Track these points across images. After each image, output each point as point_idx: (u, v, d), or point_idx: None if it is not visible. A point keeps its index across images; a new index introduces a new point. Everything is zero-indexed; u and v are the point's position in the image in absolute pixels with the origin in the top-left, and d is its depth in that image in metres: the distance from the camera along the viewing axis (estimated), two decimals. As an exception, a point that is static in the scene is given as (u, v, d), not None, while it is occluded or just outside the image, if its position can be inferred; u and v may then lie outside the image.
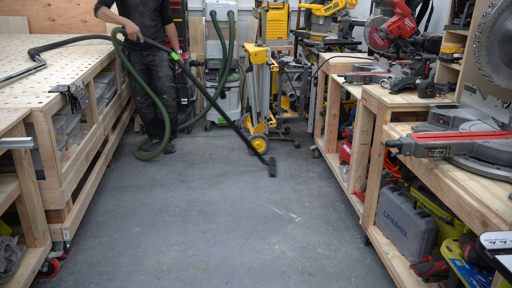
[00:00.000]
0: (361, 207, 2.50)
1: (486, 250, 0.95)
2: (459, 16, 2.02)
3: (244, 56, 4.69)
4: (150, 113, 3.52)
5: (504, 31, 1.54)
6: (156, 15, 3.22)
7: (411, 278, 1.90)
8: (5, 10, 4.12)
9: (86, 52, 3.21)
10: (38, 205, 1.96)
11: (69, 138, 2.47)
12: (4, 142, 1.62)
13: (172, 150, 3.64)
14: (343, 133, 3.01)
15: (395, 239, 2.12)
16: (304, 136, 4.07)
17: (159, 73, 3.35)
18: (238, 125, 4.20)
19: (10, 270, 1.80)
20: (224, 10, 3.89)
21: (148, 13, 3.14)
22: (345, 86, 2.69)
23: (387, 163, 2.50)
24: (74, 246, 2.36)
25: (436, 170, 1.60)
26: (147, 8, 3.13)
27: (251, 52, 3.33)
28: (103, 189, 2.98)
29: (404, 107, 2.05)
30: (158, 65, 3.33)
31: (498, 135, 1.63)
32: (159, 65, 3.33)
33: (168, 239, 2.44)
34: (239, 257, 2.31)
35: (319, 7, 3.87)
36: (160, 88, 3.40)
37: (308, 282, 2.13)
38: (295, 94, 3.66)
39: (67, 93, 2.14)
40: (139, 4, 3.11)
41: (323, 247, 2.41)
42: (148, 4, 3.12)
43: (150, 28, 3.19)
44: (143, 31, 3.13)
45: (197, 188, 3.04)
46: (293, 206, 2.83)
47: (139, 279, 2.12)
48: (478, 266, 1.56)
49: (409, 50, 2.45)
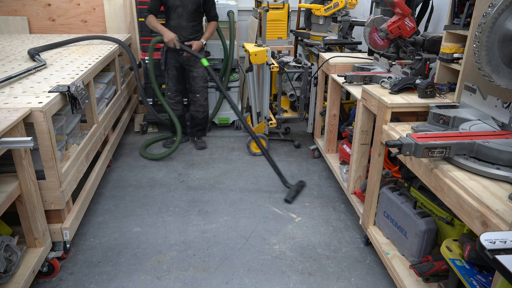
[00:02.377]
0: (361, 207, 2.50)
1: (486, 250, 0.95)
2: (459, 16, 2.02)
3: (244, 56, 4.69)
4: (177, 109, 3.67)
5: (504, 31, 1.54)
6: (195, 17, 3.35)
7: (411, 278, 1.90)
8: (5, 10, 4.12)
9: (86, 52, 3.21)
10: (38, 205, 1.96)
11: (69, 138, 2.46)
12: (4, 142, 1.62)
13: (204, 146, 3.76)
14: (343, 133, 3.01)
15: (395, 239, 2.11)
16: (304, 136, 4.07)
17: (194, 73, 3.51)
18: (238, 125, 4.20)
19: (10, 270, 1.80)
20: (224, 10, 3.89)
21: (186, 15, 3.30)
22: (345, 86, 2.69)
23: (387, 163, 2.50)
24: (74, 246, 2.36)
25: (436, 170, 1.60)
26: (186, 11, 3.28)
27: (251, 52, 3.33)
28: (103, 189, 2.98)
29: (404, 107, 2.05)
30: (193, 66, 3.47)
31: (498, 135, 1.63)
32: (194, 66, 3.47)
33: (168, 239, 2.44)
34: (239, 257, 2.31)
35: (319, 7, 3.87)
36: (194, 87, 3.56)
37: (308, 282, 2.13)
38: (295, 94, 3.66)
39: (67, 93, 2.14)
40: (179, 6, 3.27)
41: (323, 247, 2.41)
42: (187, 7, 3.27)
43: (187, 29, 3.35)
44: (180, 32, 3.32)
45: (197, 188, 3.04)
46: (293, 206, 2.83)
47: (139, 279, 2.12)
48: (478, 266, 1.56)
49: (409, 50, 2.45)
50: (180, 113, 3.70)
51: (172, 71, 3.50)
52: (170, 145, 3.70)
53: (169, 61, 3.46)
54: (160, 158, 3.44)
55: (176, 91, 3.59)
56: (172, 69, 3.49)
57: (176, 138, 3.68)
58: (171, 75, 3.52)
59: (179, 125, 3.54)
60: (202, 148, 3.75)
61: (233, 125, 4.27)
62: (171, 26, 3.34)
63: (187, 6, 3.27)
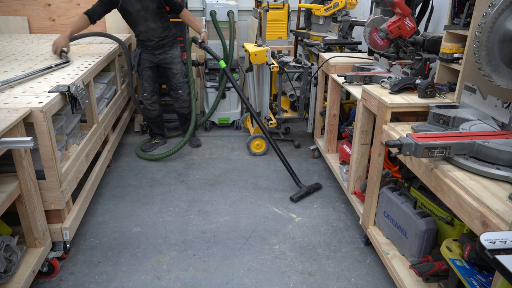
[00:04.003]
0: (361, 207, 2.50)
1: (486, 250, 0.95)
2: (459, 16, 2.02)
3: (244, 56, 4.69)
4: (154, 110, 3.58)
5: (504, 31, 1.54)
6: (160, 16, 3.23)
7: (411, 278, 1.90)
8: (5, 10, 4.12)
9: (86, 52, 3.21)
10: (38, 205, 1.96)
11: (69, 138, 2.47)
12: (4, 142, 1.62)
13: (199, 143, 3.76)
14: (343, 133, 3.01)
15: (395, 239, 2.11)
16: (304, 136, 4.07)
17: (173, 70, 3.44)
18: (238, 125, 4.20)
19: (10, 270, 1.80)
20: (224, 10, 3.89)
21: (151, 16, 3.17)
22: (345, 86, 2.69)
23: (387, 163, 2.50)
24: (74, 246, 2.36)
25: (436, 170, 1.60)
26: (149, 12, 3.15)
27: (251, 52, 3.33)
28: (103, 189, 2.98)
29: (404, 107, 2.05)
30: (171, 63, 3.41)
31: (498, 135, 1.63)
32: (172, 62, 3.41)
33: (168, 239, 2.44)
34: (239, 257, 2.31)
35: (319, 7, 3.87)
36: (175, 84, 3.49)
37: (308, 282, 2.13)
38: (295, 94, 3.66)
39: (67, 93, 2.14)
40: (140, 10, 3.13)
41: (323, 247, 2.41)
42: (148, 7, 3.13)
43: (158, 30, 3.25)
44: (151, 34, 3.23)
45: (197, 188, 3.04)
46: (293, 206, 2.83)
47: (139, 279, 2.12)
48: (478, 266, 1.56)
49: (409, 50, 2.45)
50: (158, 113, 3.62)
51: (146, 72, 3.39)
52: (149, 149, 3.63)
53: (143, 62, 3.36)
54: (163, 157, 3.42)
55: (152, 91, 3.49)
56: (146, 70, 3.39)
57: (157, 140, 3.72)
58: (146, 75, 3.41)
59: (193, 125, 3.52)
60: (197, 145, 3.73)
61: (233, 125, 4.27)
62: (141, 31, 3.22)
63: (148, 7, 3.12)
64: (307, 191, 2.96)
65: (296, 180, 3.01)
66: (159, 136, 3.77)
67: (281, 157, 3.04)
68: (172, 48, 3.39)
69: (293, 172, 3.03)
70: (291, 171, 3.03)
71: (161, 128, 3.75)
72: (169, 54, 3.37)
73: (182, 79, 3.50)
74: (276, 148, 3.08)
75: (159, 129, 3.74)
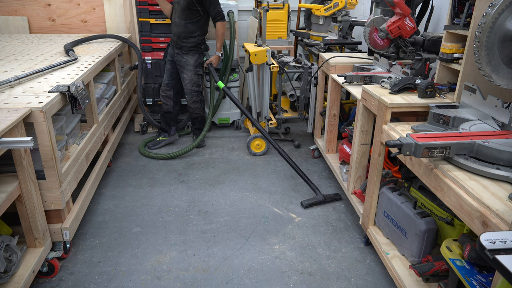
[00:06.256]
0: (361, 207, 2.50)
1: (486, 250, 0.95)
2: (459, 16, 2.02)
3: (244, 56, 4.69)
4: (166, 104, 3.65)
5: (504, 31, 1.54)
6: (188, 14, 3.29)
7: (411, 278, 1.90)
8: (5, 10, 4.12)
9: (86, 52, 3.21)
10: (38, 205, 1.96)
11: (69, 138, 2.46)
12: (4, 142, 1.62)
13: (202, 144, 3.77)
14: (343, 133, 3.01)
15: (395, 239, 2.11)
16: (304, 136, 4.07)
17: (183, 75, 3.51)
18: (238, 125, 4.20)
19: (10, 270, 1.80)
20: (224, 10, 3.88)
21: (180, 11, 3.30)
22: (345, 86, 2.69)
23: (387, 163, 2.50)
24: (74, 246, 2.36)
25: (436, 170, 1.60)
26: (180, 5, 3.28)
27: (251, 52, 3.33)
28: (103, 189, 2.98)
29: (404, 107, 2.05)
30: (182, 66, 3.48)
31: (498, 135, 1.63)
32: (183, 67, 3.48)
33: (168, 239, 2.44)
34: (239, 257, 2.31)
35: (319, 7, 3.87)
36: (185, 89, 3.57)
37: (308, 282, 2.13)
38: (295, 94, 3.66)
39: (67, 93, 2.14)
40: (176, 2, 3.30)
41: (323, 247, 2.41)
42: (180, 3, 3.26)
43: (180, 27, 3.34)
44: (174, 29, 3.38)
45: (197, 188, 3.04)
46: (293, 206, 2.83)
47: (139, 279, 2.12)
48: (478, 266, 1.56)
49: (409, 50, 2.45)
50: (168, 109, 3.66)
51: (167, 65, 3.56)
52: (153, 146, 3.67)
53: (167, 54, 3.54)
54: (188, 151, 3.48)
55: (168, 85, 3.58)
56: (168, 63, 3.56)
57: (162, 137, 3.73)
58: (166, 68, 3.58)
59: (207, 126, 3.61)
60: (200, 146, 3.75)
61: (233, 125, 4.27)
62: (172, 22, 3.40)
63: (180, 2, 3.27)
64: (321, 200, 2.82)
65: (313, 187, 2.90)
66: (165, 133, 3.79)
67: (293, 165, 2.97)
68: (188, 54, 3.42)
69: (308, 179, 2.94)
70: (306, 178, 2.93)
71: (169, 125, 3.76)
72: (184, 58, 3.42)
73: (191, 87, 3.53)
74: (288, 159, 3.00)
75: (166, 125, 3.76)
